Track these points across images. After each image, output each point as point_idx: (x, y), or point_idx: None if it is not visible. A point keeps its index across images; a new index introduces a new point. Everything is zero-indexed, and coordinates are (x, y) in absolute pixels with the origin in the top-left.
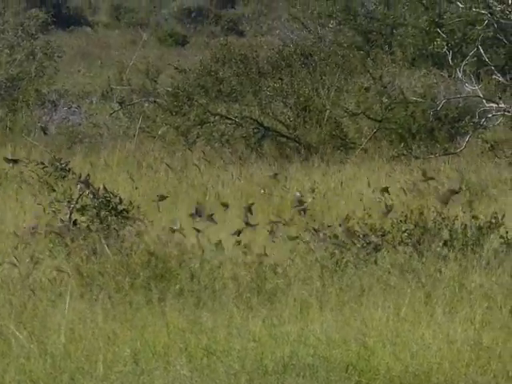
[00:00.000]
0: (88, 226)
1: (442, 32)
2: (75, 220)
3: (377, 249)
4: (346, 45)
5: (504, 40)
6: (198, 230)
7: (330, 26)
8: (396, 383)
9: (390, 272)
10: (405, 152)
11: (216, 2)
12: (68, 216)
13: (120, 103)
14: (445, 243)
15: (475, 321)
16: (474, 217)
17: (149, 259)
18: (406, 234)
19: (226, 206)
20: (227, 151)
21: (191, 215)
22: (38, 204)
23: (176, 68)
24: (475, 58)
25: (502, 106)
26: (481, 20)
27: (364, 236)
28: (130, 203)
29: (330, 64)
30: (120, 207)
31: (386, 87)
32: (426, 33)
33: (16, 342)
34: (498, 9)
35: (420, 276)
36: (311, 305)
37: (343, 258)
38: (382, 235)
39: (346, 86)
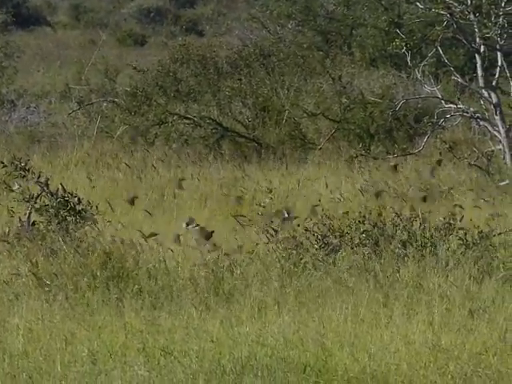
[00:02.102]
0: (46, 227)
1: (402, 32)
2: (34, 221)
3: (335, 250)
4: (305, 45)
5: (463, 41)
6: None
7: (290, 26)
8: None
9: (348, 273)
10: (363, 152)
11: (175, 2)
12: (26, 216)
13: (79, 103)
14: (403, 244)
15: (433, 322)
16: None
17: (105, 260)
18: (364, 235)
19: None
20: (186, 151)
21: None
22: None
23: (135, 68)
24: (434, 59)
25: (461, 106)
26: (440, 21)
27: (322, 237)
28: (89, 203)
29: (290, 64)
30: (78, 207)
31: (344, 88)
32: (386, 33)
33: None
34: (457, 9)
35: (378, 277)
36: (269, 306)
37: (301, 258)
38: (341, 236)
39: (305, 87)
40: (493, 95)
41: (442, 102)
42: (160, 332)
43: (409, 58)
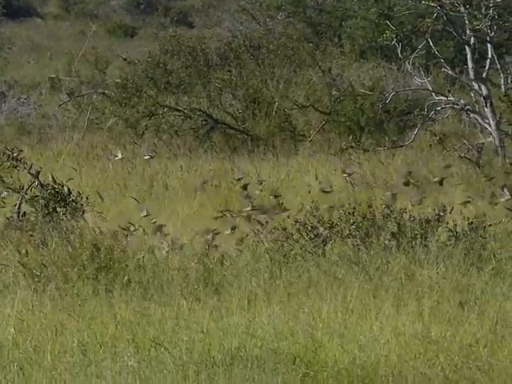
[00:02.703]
0: (37, 217)
1: (392, 24)
2: (24, 212)
3: (325, 241)
4: (295, 37)
5: (453, 33)
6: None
7: (279, 18)
8: (343, 375)
9: (337, 264)
10: (353, 144)
11: None
12: (17, 207)
13: (69, 94)
14: (393, 236)
15: (423, 314)
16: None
17: (94, 251)
18: (354, 227)
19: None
20: (176, 143)
21: None
22: None
23: (125, 59)
24: (424, 51)
25: (451, 98)
26: (430, 12)
27: (312, 228)
28: (79, 194)
29: (279, 56)
30: (69, 198)
31: (334, 80)
32: (376, 25)
33: None
34: (447, 1)
35: (368, 268)
36: (259, 297)
37: (291, 250)
38: (330, 227)
39: (294, 79)
40: (483, 87)
41: (433, 94)
42: (150, 323)
43: (399, 50)
